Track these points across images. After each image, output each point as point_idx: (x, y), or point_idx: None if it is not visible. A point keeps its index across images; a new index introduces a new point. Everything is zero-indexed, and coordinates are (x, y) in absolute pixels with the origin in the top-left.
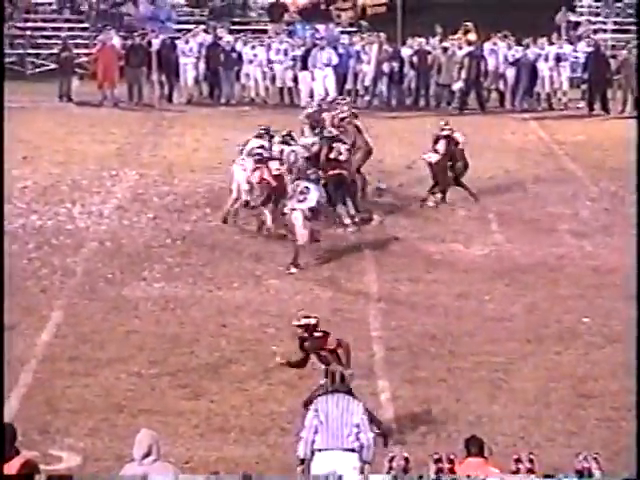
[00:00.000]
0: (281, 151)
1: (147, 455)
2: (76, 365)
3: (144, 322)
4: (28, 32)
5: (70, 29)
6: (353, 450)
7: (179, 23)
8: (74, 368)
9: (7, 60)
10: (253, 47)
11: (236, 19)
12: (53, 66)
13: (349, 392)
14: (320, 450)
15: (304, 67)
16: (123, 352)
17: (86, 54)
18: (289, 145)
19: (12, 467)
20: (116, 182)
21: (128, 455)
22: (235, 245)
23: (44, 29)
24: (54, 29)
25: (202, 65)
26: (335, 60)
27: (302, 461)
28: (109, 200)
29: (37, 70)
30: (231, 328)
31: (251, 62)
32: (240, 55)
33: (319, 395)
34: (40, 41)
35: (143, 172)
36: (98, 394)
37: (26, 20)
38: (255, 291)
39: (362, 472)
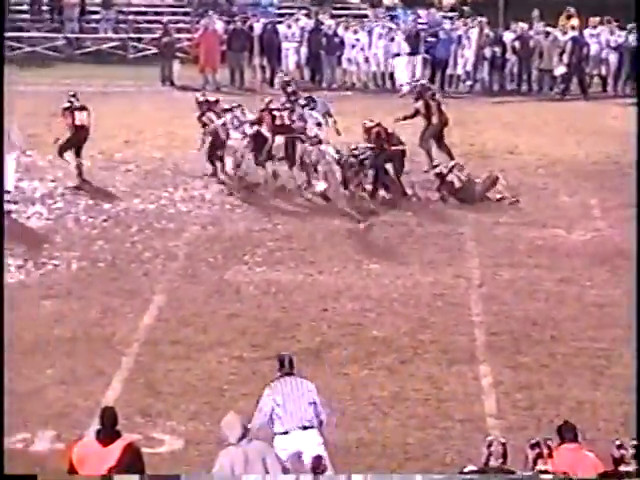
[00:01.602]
0: None
1: (243, 436)
2: (178, 348)
3: (246, 306)
4: (130, 17)
5: (172, 14)
6: (312, 427)
7: (281, 8)
8: (176, 351)
9: (110, 45)
10: (355, 32)
11: (338, 4)
12: (155, 50)
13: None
14: (282, 433)
15: (405, 52)
16: (225, 336)
17: (188, 39)
18: None
19: (115, 450)
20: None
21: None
22: (336, 229)
23: (146, 13)
24: (156, 14)
25: (304, 50)
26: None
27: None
28: (211, 184)
29: (139, 54)
30: (332, 312)
31: (353, 47)
32: (342, 40)
33: (271, 381)
34: (142, 25)
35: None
36: (200, 378)
37: (129, 4)
38: (356, 275)
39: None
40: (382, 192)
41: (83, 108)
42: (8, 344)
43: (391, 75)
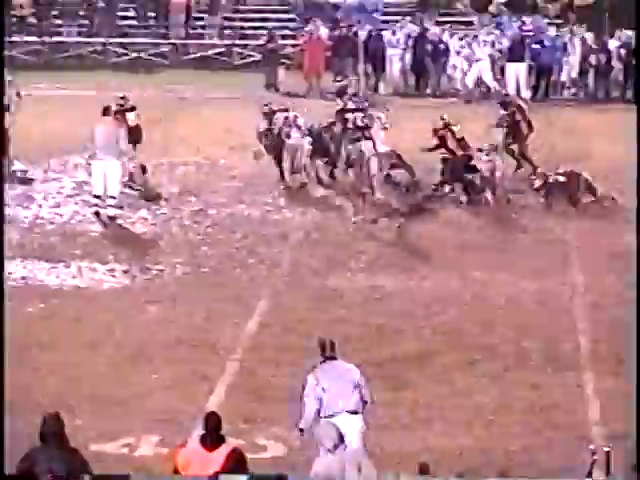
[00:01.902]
0: None
1: (338, 445)
2: (282, 354)
3: (349, 312)
4: (236, 23)
5: (277, 20)
6: (356, 412)
7: (386, 14)
8: (280, 357)
9: (215, 51)
10: (460, 38)
11: (443, 10)
12: (260, 57)
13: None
14: (327, 416)
15: (510, 59)
16: None
17: (293, 45)
18: None
19: (219, 455)
20: None
21: None
22: (440, 236)
23: (252, 20)
24: (261, 20)
25: (409, 56)
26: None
27: (301, 430)
28: (316, 189)
29: (244, 60)
30: (436, 319)
31: (458, 53)
32: (447, 46)
33: (314, 367)
34: (247, 32)
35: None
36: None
37: (235, 11)
38: (460, 282)
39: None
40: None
41: (133, 109)
42: (115, 348)
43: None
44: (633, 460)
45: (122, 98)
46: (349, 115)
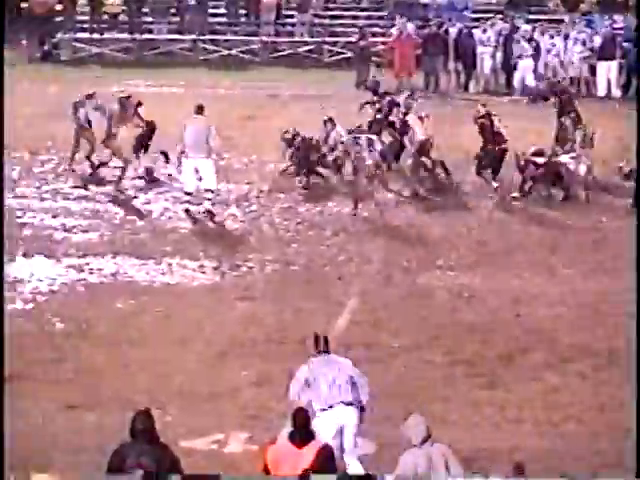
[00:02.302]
0: None
1: (427, 439)
2: (371, 352)
3: (439, 310)
4: (326, 20)
5: (367, 17)
6: (351, 403)
7: (476, 12)
8: (370, 355)
9: (305, 48)
10: (551, 36)
11: (533, 8)
12: (350, 54)
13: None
14: (322, 410)
15: (601, 57)
16: (418, 340)
17: (383, 42)
18: None
19: (309, 451)
20: None
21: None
22: (530, 235)
23: (342, 17)
24: (352, 17)
25: (499, 54)
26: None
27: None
28: (406, 188)
29: (334, 58)
30: (526, 317)
31: (549, 52)
32: (538, 44)
33: (309, 357)
34: (338, 29)
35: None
36: (393, 381)
37: (325, 9)
38: (550, 281)
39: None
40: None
41: (140, 104)
42: (205, 345)
43: (586, 80)
44: None
45: (127, 98)
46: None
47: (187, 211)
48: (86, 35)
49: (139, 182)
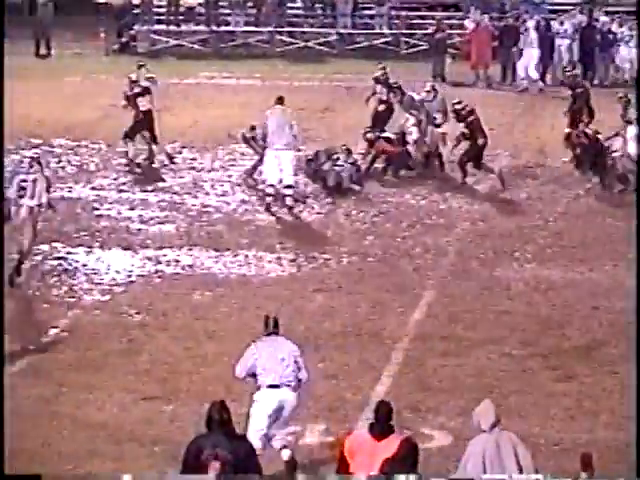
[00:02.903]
0: None
1: (495, 424)
2: (448, 344)
3: (516, 303)
4: (403, 13)
5: (444, 9)
6: (293, 385)
7: (553, 4)
8: (446, 347)
9: (382, 40)
10: (630, 28)
11: (611, 0)
12: (427, 46)
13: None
14: (268, 386)
15: None
16: (495, 333)
17: (459, 34)
18: None
19: (390, 444)
20: (491, 161)
21: None
22: (607, 227)
23: (419, 9)
24: (429, 9)
25: (576, 46)
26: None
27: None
28: (483, 180)
29: (411, 50)
30: (603, 310)
31: (627, 43)
32: (616, 36)
33: (258, 338)
34: (414, 22)
35: (515, 153)
36: (469, 374)
37: (402, 2)
38: (627, 273)
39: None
40: None
41: (146, 92)
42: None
43: None
44: None
45: (134, 82)
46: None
47: (268, 207)
48: (163, 27)
49: (215, 173)
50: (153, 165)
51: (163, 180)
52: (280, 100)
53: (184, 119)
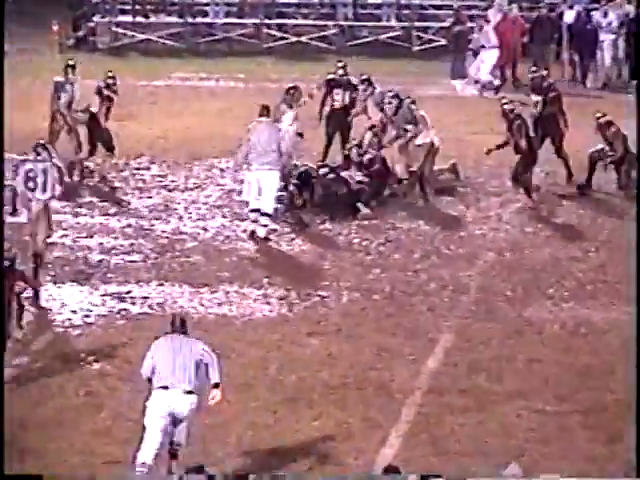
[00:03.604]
0: None
1: None
2: (468, 399)
3: (550, 349)
4: (415, 1)
5: None
6: (191, 392)
7: None
8: (466, 402)
9: (390, 34)
10: None
11: None
12: (443, 42)
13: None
14: (159, 387)
15: None
16: (524, 385)
17: (481, 28)
18: None
19: None
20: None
21: None
22: None
23: None
24: None
25: (622, 42)
26: None
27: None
28: (509, 203)
29: (424, 46)
30: None
31: None
32: None
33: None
34: (429, 12)
35: (549, 169)
36: (494, 434)
37: None
38: None
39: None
40: None
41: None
42: (269, 390)
43: None
44: None
45: (111, 78)
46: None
47: (252, 233)
48: (128, 19)
49: (189, 193)
50: (114, 184)
51: (127, 202)
52: (265, 111)
53: (153, 128)
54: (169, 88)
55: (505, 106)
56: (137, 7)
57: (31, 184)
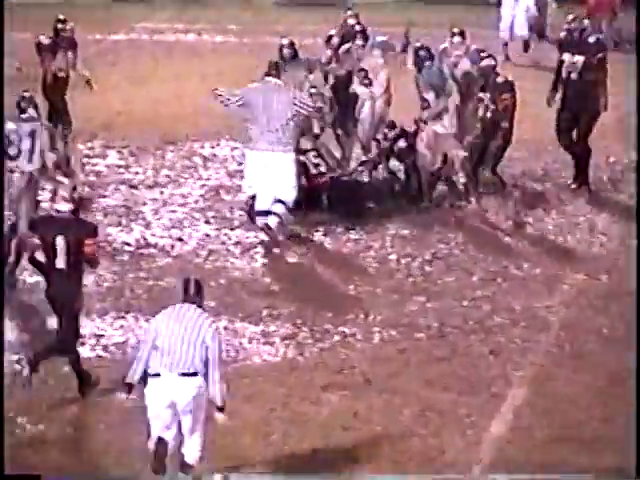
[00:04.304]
0: None
1: None
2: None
3: None
4: None
5: None
6: (195, 374)
7: None
8: None
9: None
10: None
11: None
12: None
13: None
14: (154, 375)
15: None
16: (626, 461)
17: None
18: None
19: None
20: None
21: None
22: None
23: None
24: None
25: None
26: None
27: (129, 387)
28: (605, 204)
29: None
30: None
31: None
32: None
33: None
34: None
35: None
36: None
37: None
38: None
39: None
40: None
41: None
42: (272, 461)
43: None
44: None
45: (61, 21)
46: None
47: (267, 227)
48: None
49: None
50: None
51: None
52: (274, 68)
53: (110, 100)
54: (133, 44)
55: None
56: None
57: (13, 150)
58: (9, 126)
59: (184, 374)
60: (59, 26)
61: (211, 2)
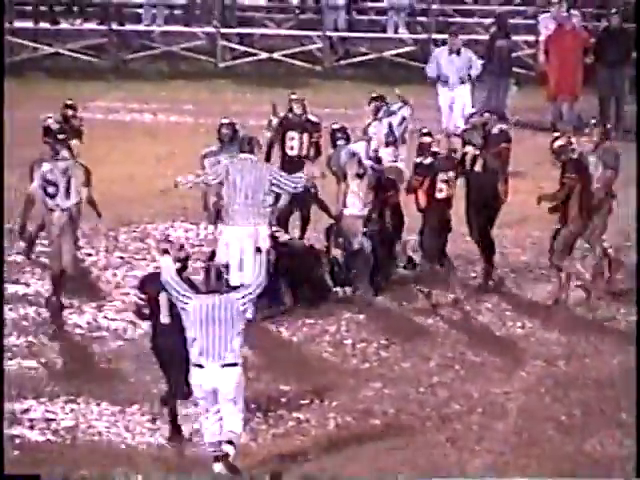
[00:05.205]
0: None
1: None
2: None
3: None
4: (434, 5)
5: (505, 2)
6: (235, 364)
7: None
8: None
9: (398, 51)
10: None
11: None
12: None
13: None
14: (197, 365)
15: None
16: None
17: (528, 42)
18: None
19: None
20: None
21: None
22: None
23: (461, 1)
24: (476, 1)
25: None
26: None
27: None
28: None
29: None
30: None
31: None
32: None
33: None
34: (455, 19)
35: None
36: None
37: None
38: None
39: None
40: None
41: (77, 133)
42: None
43: None
44: None
45: (69, 107)
46: None
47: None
48: (29, 25)
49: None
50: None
51: (25, 284)
52: (248, 144)
53: None
54: (87, 123)
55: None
56: (42, 7)
57: (51, 189)
58: (44, 167)
59: (228, 365)
60: (69, 112)
61: (167, 82)
